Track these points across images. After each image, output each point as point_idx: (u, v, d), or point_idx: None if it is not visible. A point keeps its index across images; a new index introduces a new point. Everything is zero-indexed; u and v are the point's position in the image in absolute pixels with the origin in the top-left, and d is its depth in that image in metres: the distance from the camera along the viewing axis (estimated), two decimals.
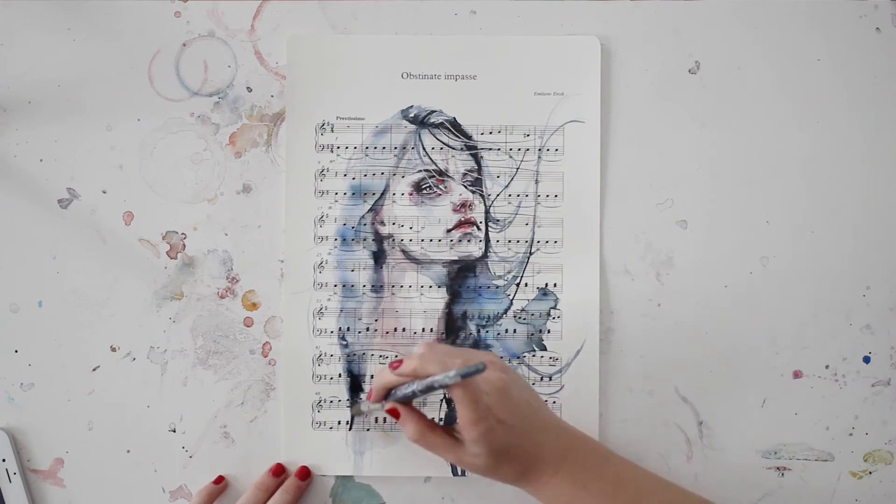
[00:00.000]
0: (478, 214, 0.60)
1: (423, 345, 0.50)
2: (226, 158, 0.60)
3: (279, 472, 0.59)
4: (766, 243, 0.61)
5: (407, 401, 0.51)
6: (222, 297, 0.60)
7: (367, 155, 0.60)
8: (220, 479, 0.59)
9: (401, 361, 0.50)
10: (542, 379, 0.60)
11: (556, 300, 0.60)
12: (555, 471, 0.50)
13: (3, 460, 0.59)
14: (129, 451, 0.60)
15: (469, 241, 0.60)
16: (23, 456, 0.59)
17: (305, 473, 0.59)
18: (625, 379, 0.60)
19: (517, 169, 0.60)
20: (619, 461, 0.53)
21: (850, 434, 0.60)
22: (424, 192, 0.60)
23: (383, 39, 0.60)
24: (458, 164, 0.60)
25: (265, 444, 0.60)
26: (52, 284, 0.60)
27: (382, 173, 0.60)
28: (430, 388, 0.47)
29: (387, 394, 0.52)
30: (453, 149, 0.60)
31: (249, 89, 0.61)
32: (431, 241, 0.60)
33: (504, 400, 0.48)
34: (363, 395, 0.59)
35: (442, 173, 0.60)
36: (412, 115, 0.60)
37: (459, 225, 0.60)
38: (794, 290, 0.60)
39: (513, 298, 0.60)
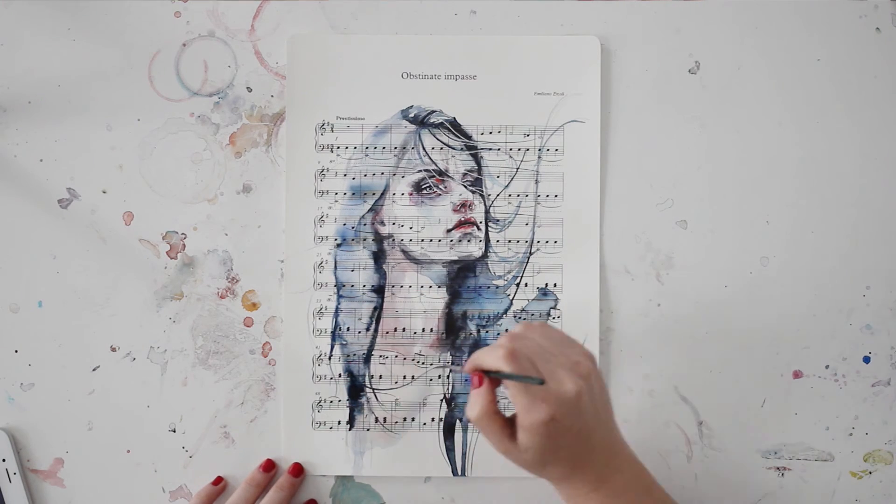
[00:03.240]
0: (478, 214, 0.60)
1: (518, 332, 0.50)
2: (226, 158, 0.60)
3: (269, 467, 0.59)
4: (766, 243, 0.61)
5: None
6: (222, 297, 0.60)
7: (367, 155, 0.60)
8: (218, 480, 0.59)
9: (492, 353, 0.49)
10: None
11: (556, 300, 0.60)
12: (594, 487, 0.49)
13: (3, 460, 0.59)
14: (129, 451, 0.60)
15: (469, 241, 0.60)
16: (23, 456, 0.59)
17: (298, 470, 0.59)
18: (625, 379, 0.60)
19: (517, 169, 0.60)
20: (660, 495, 0.52)
21: (850, 434, 0.60)
22: (424, 192, 0.60)
23: (383, 39, 0.60)
24: (458, 164, 0.60)
25: (265, 444, 0.60)
26: (52, 284, 0.60)
27: (382, 173, 0.60)
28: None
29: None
30: (453, 149, 0.60)
31: (249, 89, 0.61)
32: (431, 241, 0.60)
33: (570, 406, 0.47)
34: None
35: (442, 173, 0.60)
36: (412, 115, 0.60)
37: (459, 225, 0.60)
38: (794, 290, 0.60)
39: (513, 298, 0.60)
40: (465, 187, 0.60)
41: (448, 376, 0.60)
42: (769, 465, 0.60)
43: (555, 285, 0.60)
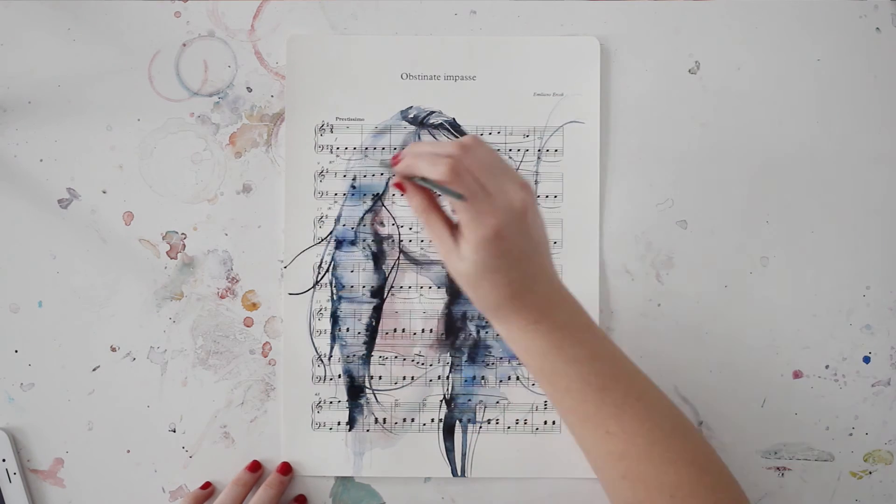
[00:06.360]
0: None
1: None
2: (226, 158, 0.60)
3: (255, 468, 0.59)
4: (766, 243, 0.61)
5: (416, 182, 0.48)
6: (222, 297, 0.60)
7: (366, 156, 0.60)
8: (207, 485, 0.59)
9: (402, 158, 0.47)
10: None
11: None
12: (536, 319, 0.47)
13: (3, 460, 0.59)
14: (129, 451, 0.60)
15: None
16: (23, 456, 0.60)
17: (287, 468, 0.59)
18: None
19: (517, 170, 0.60)
20: (603, 337, 0.49)
21: (850, 434, 0.60)
22: None
23: (383, 40, 0.60)
24: None
25: (265, 444, 0.60)
26: (52, 284, 0.60)
27: (382, 174, 0.60)
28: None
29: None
30: None
31: (249, 89, 0.61)
32: (431, 241, 0.60)
33: (517, 219, 0.45)
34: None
35: None
36: (412, 115, 0.60)
37: None
38: (794, 290, 0.60)
39: None
40: None
41: (448, 377, 0.60)
42: (769, 465, 0.60)
43: None
